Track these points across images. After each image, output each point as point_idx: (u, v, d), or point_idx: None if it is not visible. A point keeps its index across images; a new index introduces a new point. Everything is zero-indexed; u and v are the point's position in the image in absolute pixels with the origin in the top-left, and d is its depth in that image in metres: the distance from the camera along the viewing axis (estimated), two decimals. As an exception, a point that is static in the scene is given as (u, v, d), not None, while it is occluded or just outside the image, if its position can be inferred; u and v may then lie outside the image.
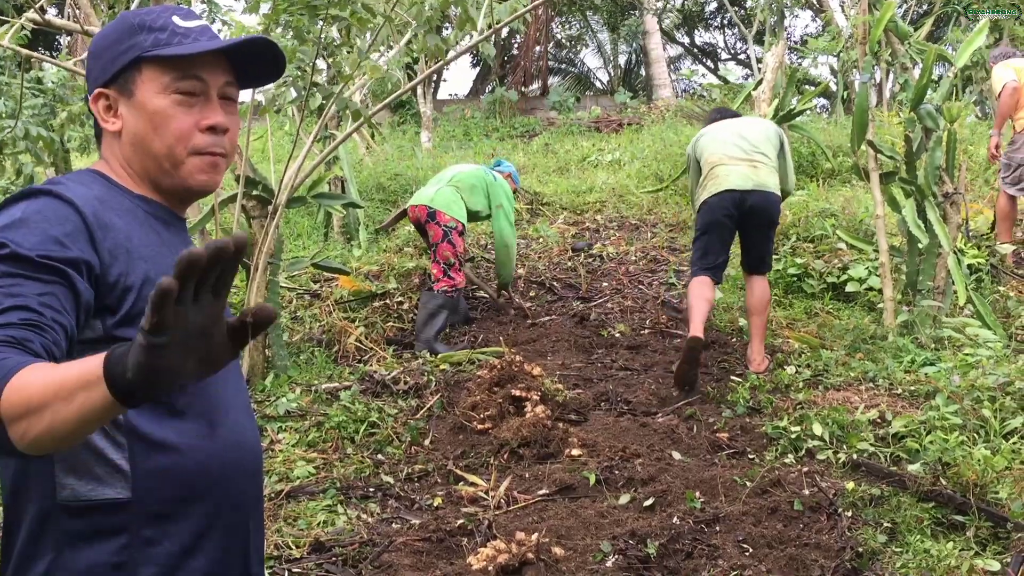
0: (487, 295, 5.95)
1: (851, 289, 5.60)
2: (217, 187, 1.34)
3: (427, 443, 3.98)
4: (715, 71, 21.87)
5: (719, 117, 5.10)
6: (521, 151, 11.93)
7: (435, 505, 3.37)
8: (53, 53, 12.95)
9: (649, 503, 3.22)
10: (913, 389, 4.01)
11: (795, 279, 5.88)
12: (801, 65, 15.50)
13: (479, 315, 5.82)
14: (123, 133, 1.27)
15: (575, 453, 3.68)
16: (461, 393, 4.38)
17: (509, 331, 5.47)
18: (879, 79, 5.93)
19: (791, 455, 3.60)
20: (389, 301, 5.63)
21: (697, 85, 19.93)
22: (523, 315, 5.71)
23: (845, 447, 3.55)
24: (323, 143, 5.78)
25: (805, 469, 3.40)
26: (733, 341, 5.11)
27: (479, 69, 19.76)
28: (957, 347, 4.22)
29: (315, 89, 4.09)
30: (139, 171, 1.29)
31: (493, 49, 5.05)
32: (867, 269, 5.61)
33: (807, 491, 3.22)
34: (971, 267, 5.41)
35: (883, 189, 5.08)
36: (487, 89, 18.29)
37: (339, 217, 7.10)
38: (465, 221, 5.34)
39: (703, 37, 23.20)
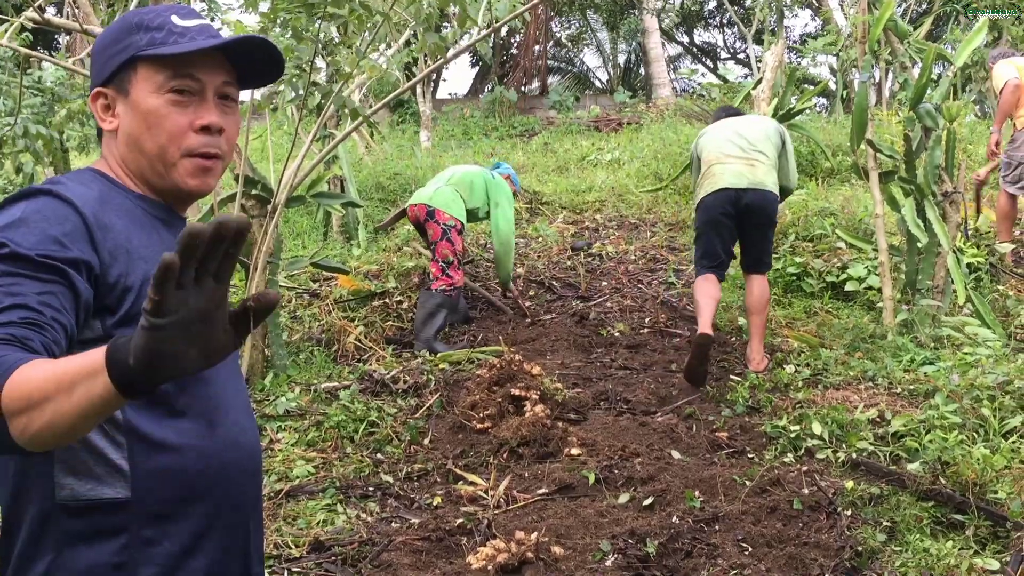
0: (492, 300, 5.93)
1: (850, 288, 5.60)
2: (212, 190, 1.32)
3: (426, 442, 3.98)
4: (714, 70, 21.87)
5: (724, 115, 5.12)
6: (520, 150, 11.93)
7: (434, 504, 3.37)
8: (52, 52, 12.93)
9: (648, 502, 3.22)
10: (912, 388, 4.01)
11: (794, 278, 5.89)
12: (800, 64, 15.52)
13: (478, 314, 5.81)
14: (119, 132, 1.27)
15: (574, 452, 3.68)
16: (460, 392, 4.38)
17: (508, 330, 5.47)
18: (878, 78, 5.93)
19: (790, 454, 3.60)
20: (388, 300, 5.63)
21: (696, 84, 19.93)
22: (522, 314, 5.71)
23: (844, 446, 3.55)
24: (322, 142, 5.78)
25: (804, 468, 3.40)
26: (732, 340, 5.11)
27: (478, 68, 19.76)
28: (956, 346, 4.22)
29: (314, 88, 4.08)
30: (135, 171, 1.28)
31: (490, 47, 5.05)
32: (866, 268, 5.62)
33: (806, 490, 3.22)
34: (970, 266, 5.41)
35: (882, 188, 5.08)
36: (486, 88, 18.28)
37: (338, 216, 7.10)
38: (464, 220, 5.34)
39: (702, 36, 23.23)
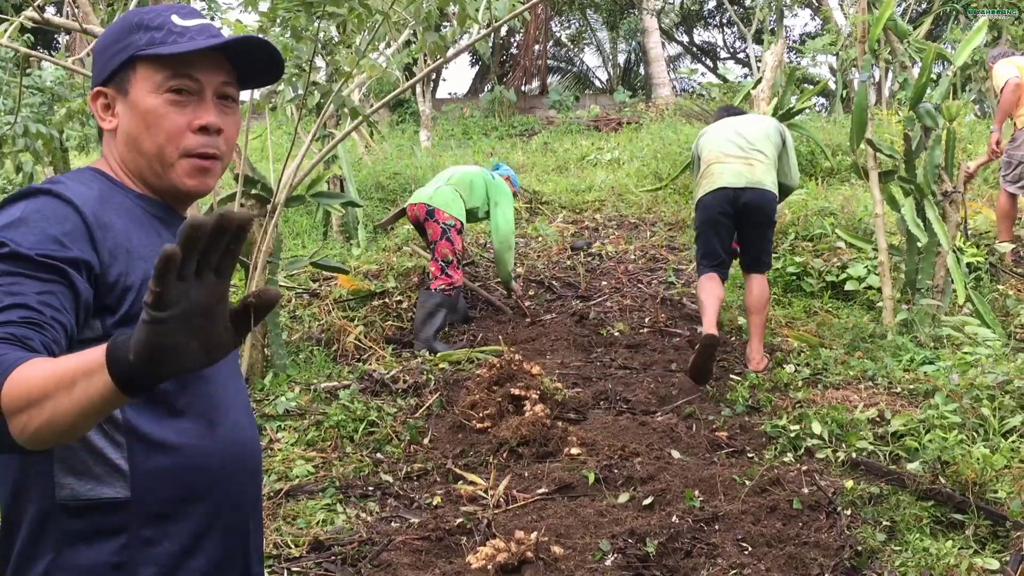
0: (491, 300, 5.92)
1: (850, 288, 5.60)
2: (210, 191, 1.32)
3: (426, 442, 3.98)
4: (714, 70, 21.88)
5: (725, 115, 5.12)
6: (520, 150, 11.93)
7: (434, 504, 3.37)
8: (51, 52, 12.93)
9: (648, 502, 3.22)
10: (912, 388, 4.01)
11: (794, 278, 5.89)
12: (800, 64, 15.52)
13: (478, 314, 5.81)
14: (119, 132, 1.27)
15: (574, 452, 3.68)
16: (460, 392, 4.38)
17: (508, 330, 5.47)
18: (878, 78, 5.94)
19: (790, 454, 3.60)
20: (388, 300, 5.63)
21: (696, 84, 19.93)
22: (522, 314, 5.72)
23: (844, 446, 3.55)
24: (322, 142, 5.78)
25: (804, 468, 3.40)
26: (732, 340, 5.11)
27: (478, 68, 19.76)
28: (956, 346, 4.22)
29: (313, 87, 4.08)
30: (134, 170, 1.28)
31: (489, 47, 5.05)
32: (866, 268, 5.62)
33: (806, 490, 3.22)
34: (970, 266, 5.41)
35: (882, 188, 5.08)
36: (486, 88, 18.28)
37: (338, 216, 7.11)
38: (464, 219, 5.34)
39: (702, 36, 23.25)
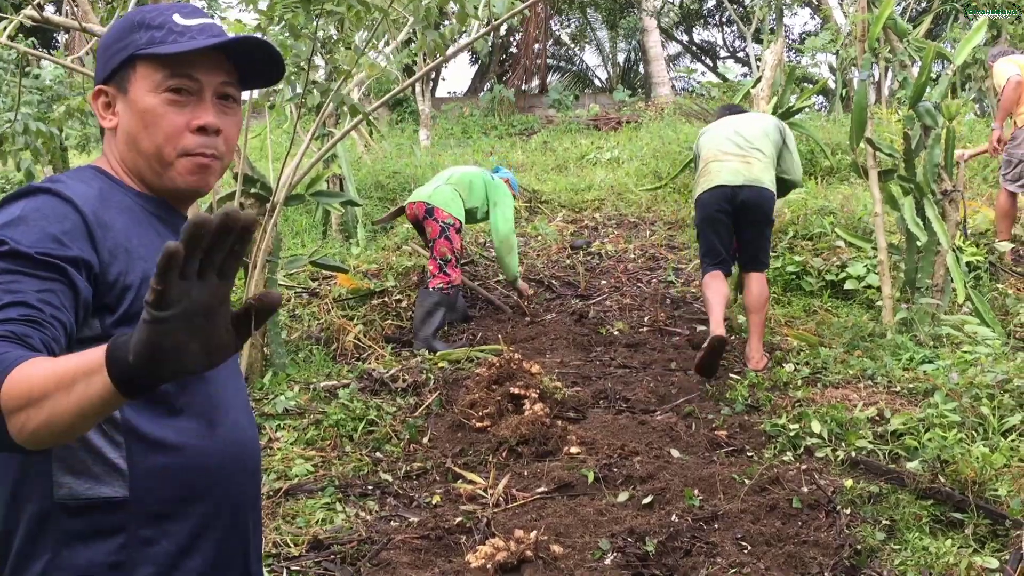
0: (491, 299, 5.92)
1: (850, 287, 5.61)
2: (210, 189, 1.32)
3: (425, 441, 3.97)
4: (714, 69, 21.88)
5: (727, 113, 5.13)
6: (520, 149, 11.93)
7: (434, 503, 3.37)
8: (51, 51, 12.93)
9: (647, 501, 3.22)
10: (912, 387, 4.01)
11: (794, 277, 5.89)
12: (800, 63, 15.51)
13: (477, 313, 5.81)
14: (119, 130, 1.27)
15: (574, 451, 3.68)
16: (459, 391, 4.38)
17: (508, 329, 5.47)
18: (878, 76, 5.93)
19: (790, 453, 3.60)
20: (387, 299, 5.62)
21: (696, 83, 19.94)
22: (522, 313, 5.72)
23: (844, 445, 3.55)
24: (321, 140, 5.77)
25: (804, 467, 3.40)
26: (732, 339, 5.11)
27: (477, 67, 19.75)
28: (956, 345, 4.22)
29: (312, 86, 4.08)
30: (133, 169, 1.28)
31: (488, 45, 5.05)
32: (866, 267, 5.62)
33: (806, 489, 3.22)
34: (970, 265, 5.41)
35: (882, 187, 5.08)
36: (486, 87, 18.28)
37: (337, 215, 7.11)
38: (463, 219, 5.34)
39: (702, 35, 23.25)
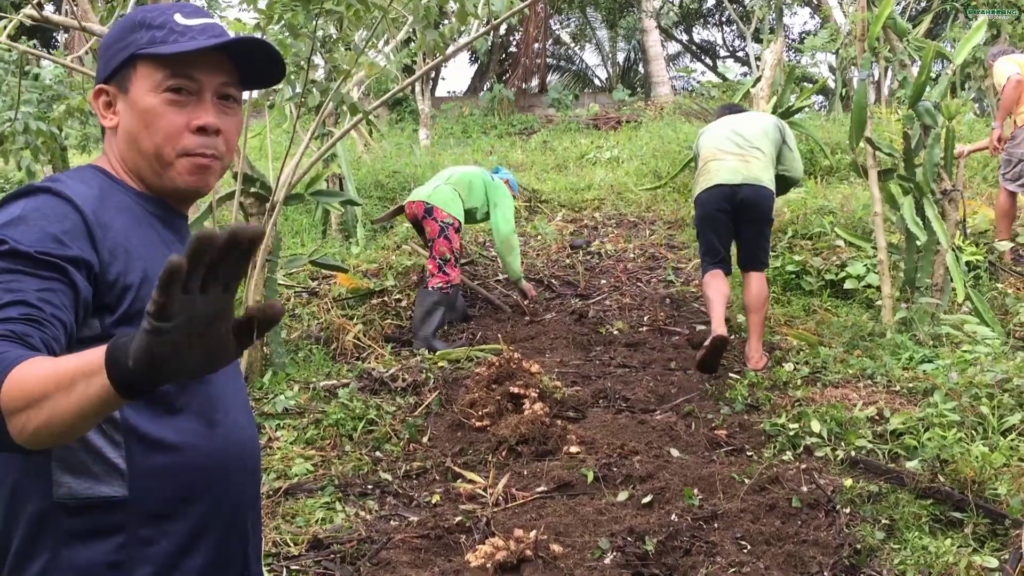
0: (490, 299, 5.92)
1: (849, 286, 5.61)
2: (210, 189, 1.32)
3: (425, 440, 3.97)
4: (714, 68, 21.88)
5: (726, 113, 5.13)
6: (519, 148, 11.93)
7: (433, 502, 3.37)
8: (50, 50, 12.93)
9: (647, 500, 3.22)
10: (911, 386, 4.01)
11: (793, 276, 5.89)
12: (799, 62, 15.51)
13: (477, 312, 5.81)
14: (119, 130, 1.27)
15: (573, 450, 3.68)
16: (459, 390, 4.38)
17: (507, 328, 5.47)
18: (877, 76, 5.93)
19: (789, 452, 3.60)
20: (387, 298, 5.62)
21: (696, 83, 19.93)
22: (521, 312, 5.72)
23: (843, 444, 3.55)
24: (321, 140, 5.77)
25: (803, 466, 3.40)
26: (731, 338, 5.11)
27: (477, 66, 19.75)
28: (955, 344, 4.22)
29: (312, 86, 4.07)
30: (133, 169, 1.28)
31: (487, 44, 5.05)
32: (865, 266, 5.62)
33: (805, 488, 3.22)
34: (969, 264, 5.41)
35: (881, 186, 5.08)
36: (485, 86, 18.28)
37: (337, 214, 7.11)
38: (462, 219, 5.34)
39: (701, 34, 23.24)
